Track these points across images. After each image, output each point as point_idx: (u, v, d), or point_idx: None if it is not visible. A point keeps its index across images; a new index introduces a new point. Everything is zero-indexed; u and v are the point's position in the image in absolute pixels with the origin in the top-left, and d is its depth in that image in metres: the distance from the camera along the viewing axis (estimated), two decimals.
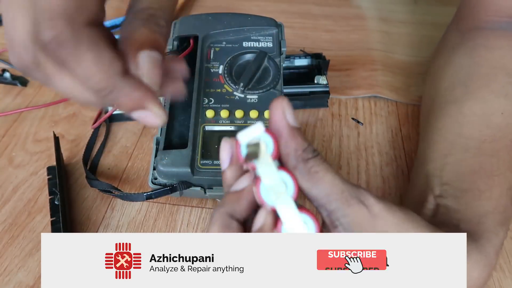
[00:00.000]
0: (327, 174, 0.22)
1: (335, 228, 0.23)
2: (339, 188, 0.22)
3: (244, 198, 0.23)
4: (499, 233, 0.28)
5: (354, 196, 0.22)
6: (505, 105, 0.34)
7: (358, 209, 0.22)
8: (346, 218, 0.22)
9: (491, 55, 0.38)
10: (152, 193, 0.36)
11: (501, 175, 0.31)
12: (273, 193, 0.22)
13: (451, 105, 0.37)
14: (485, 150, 0.32)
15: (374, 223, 0.22)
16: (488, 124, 0.34)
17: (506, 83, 0.35)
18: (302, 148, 0.23)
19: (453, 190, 0.31)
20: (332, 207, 0.22)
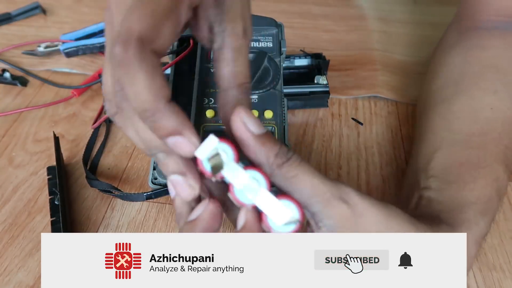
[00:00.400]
0: (305, 177, 0.22)
1: (319, 229, 0.23)
2: (320, 190, 0.22)
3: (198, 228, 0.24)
4: (479, 223, 0.28)
5: (337, 196, 0.22)
6: (494, 100, 0.34)
7: (341, 210, 0.22)
8: (330, 219, 0.22)
9: (484, 54, 0.38)
10: (152, 193, 0.36)
11: (487, 167, 0.31)
12: (248, 192, 0.22)
13: (441, 104, 0.37)
14: (473, 143, 0.32)
15: (357, 222, 0.22)
16: (476, 119, 0.34)
17: (496, 80, 0.36)
18: (274, 154, 0.22)
19: (438, 182, 0.31)
20: (315, 209, 0.22)
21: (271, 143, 0.22)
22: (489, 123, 0.33)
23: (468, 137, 0.33)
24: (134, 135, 0.24)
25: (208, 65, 0.42)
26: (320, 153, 0.44)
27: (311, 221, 0.23)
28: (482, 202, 0.29)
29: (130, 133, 0.24)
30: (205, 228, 0.23)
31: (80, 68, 0.53)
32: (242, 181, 0.22)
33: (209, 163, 0.22)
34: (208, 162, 0.22)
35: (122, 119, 0.24)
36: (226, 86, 0.24)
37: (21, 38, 0.58)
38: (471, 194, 0.29)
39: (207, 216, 0.23)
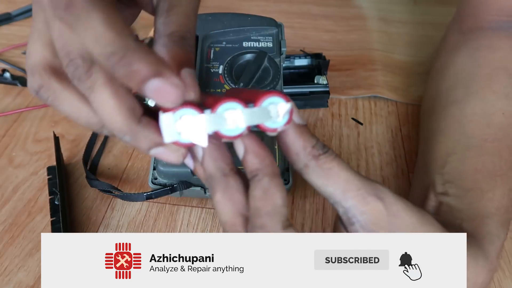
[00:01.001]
0: (342, 171, 0.22)
1: (352, 225, 0.22)
2: (355, 185, 0.22)
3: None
4: (500, 236, 0.28)
5: (372, 193, 0.22)
6: (506, 106, 0.34)
7: (375, 207, 0.22)
8: (363, 215, 0.22)
9: (493, 56, 0.38)
10: (152, 193, 0.36)
11: (503, 175, 0.31)
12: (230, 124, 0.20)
13: (453, 106, 0.37)
14: (487, 149, 0.32)
15: (391, 222, 0.22)
16: (489, 124, 0.34)
17: (508, 83, 0.36)
18: (311, 145, 0.22)
19: (455, 188, 0.31)
20: (348, 205, 0.22)
21: (309, 135, 0.22)
22: (502, 128, 0.33)
23: (482, 142, 0.33)
24: (79, 113, 0.22)
25: (208, 65, 0.42)
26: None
27: (344, 216, 0.23)
28: (501, 213, 0.29)
29: (69, 107, 0.22)
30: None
31: None
32: (220, 122, 0.20)
33: (184, 138, 0.20)
34: (182, 138, 0.20)
35: (56, 91, 0.21)
36: (156, 37, 0.23)
37: (21, 38, 0.58)
38: (491, 205, 0.29)
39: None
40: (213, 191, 0.22)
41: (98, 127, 0.22)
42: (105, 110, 0.20)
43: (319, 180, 0.22)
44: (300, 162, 0.22)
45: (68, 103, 0.22)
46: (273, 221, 0.21)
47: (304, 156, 0.22)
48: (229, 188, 0.22)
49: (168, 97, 0.18)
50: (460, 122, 0.35)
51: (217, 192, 0.22)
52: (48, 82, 0.21)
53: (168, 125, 0.20)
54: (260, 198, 0.21)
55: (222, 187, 0.22)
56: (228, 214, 0.22)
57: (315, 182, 0.22)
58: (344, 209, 0.22)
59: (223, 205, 0.22)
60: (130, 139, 0.21)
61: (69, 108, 0.22)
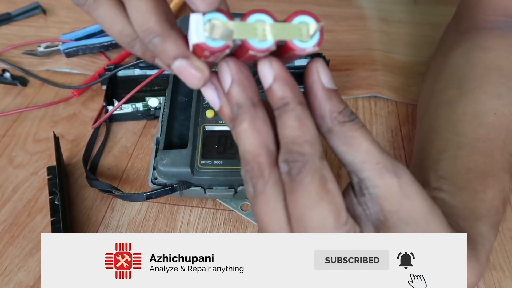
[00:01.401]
0: (365, 141, 0.21)
1: (362, 196, 0.22)
2: (375, 158, 0.21)
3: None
4: (490, 238, 0.28)
5: (391, 169, 0.21)
6: (497, 105, 0.34)
7: (390, 183, 0.21)
8: (376, 189, 0.21)
9: (487, 56, 0.38)
10: (152, 193, 0.36)
11: (494, 176, 0.31)
12: (259, 36, 0.20)
13: (445, 106, 0.37)
14: (479, 149, 0.32)
15: (402, 201, 0.22)
16: (481, 123, 0.34)
17: (500, 83, 0.36)
18: (338, 110, 0.22)
19: (449, 185, 0.31)
20: (364, 175, 0.22)
21: (338, 100, 0.22)
22: (494, 128, 0.33)
23: (474, 142, 0.33)
24: (114, 19, 0.22)
25: None
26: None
27: (356, 186, 0.22)
28: (492, 215, 0.29)
29: (107, 11, 0.22)
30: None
31: (80, 68, 0.53)
32: (248, 30, 0.20)
33: (213, 40, 0.20)
34: (211, 40, 0.20)
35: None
36: None
37: (21, 38, 0.58)
38: (482, 205, 0.29)
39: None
40: (239, 120, 0.21)
41: (129, 38, 0.22)
42: (142, 9, 0.20)
43: (340, 147, 0.22)
44: (324, 126, 0.22)
45: (106, 7, 0.22)
46: (314, 150, 0.20)
47: (330, 120, 0.21)
48: (257, 118, 0.21)
49: (191, 77, 0.20)
50: (452, 122, 0.35)
51: (244, 121, 0.21)
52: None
53: (197, 25, 0.19)
54: (297, 127, 0.20)
55: (251, 116, 0.21)
56: (253, 144, 0.21)
57: (336, 148, 0.22)
58: (359, 179, 0.22)
59: (249, 135, 0.21)
60: (160, 42, 0.20)
61: (105, 14, 0.22)
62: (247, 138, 0.21)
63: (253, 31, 0.20)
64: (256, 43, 0.20)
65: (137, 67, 0.48)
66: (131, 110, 0.46)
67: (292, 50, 0.20)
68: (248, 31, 0.20)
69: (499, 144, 0.33)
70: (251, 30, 0.20)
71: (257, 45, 0.20)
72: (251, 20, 0.20)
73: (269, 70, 0.21)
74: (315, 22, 0.20)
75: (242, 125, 0.21)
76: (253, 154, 0.21)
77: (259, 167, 0.21)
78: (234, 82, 0.21)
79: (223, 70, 0.22)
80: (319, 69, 0.22)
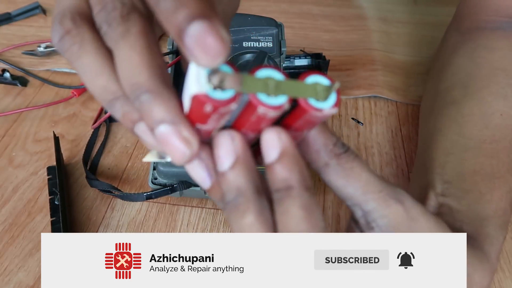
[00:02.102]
0: (363, 171, 0.21)
1: (371, 229, 0.22)
2: (376, 187, 0.21)
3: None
4: (499, 238, 0.28)
5: (393, 196, 0.21)
6: (503, 107, 0.34)
7: (397, 211, 0.21)
8: (384, 219, 0.21)
9: (492, 56, 0.38)
10: (152, 193, 0.36)
11: (501, 177, 0.31)
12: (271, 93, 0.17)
13: (450, 106, 0.37)
14: (485, 151, 0.32)
15: (411, 226, 0.21)
16: (487, 125, 0.34)
17: (506, 84, 0.35)
18: (332, 143, 0.21)
19: (455, 189, 0.31)
20: (369, 207, 0.21)
21: (329, 133, 0.21)
22: (500, 130, 0.33)
23: (480, 144, 0.33)
24: (99, 72, 0.19)
25: None
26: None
27: (362, 219, 0.22)
28: (499, 216, 0.29)
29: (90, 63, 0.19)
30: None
31: None
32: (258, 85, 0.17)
33: (217, 92, 0.17)
34: (215, 91, 0.17)
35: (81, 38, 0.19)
36: None
37: (21, 38, 0.58)
38: (489, 207, 0.29)
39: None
40: (242, 211, 0.18)
41: (111, 96, 0.19)
42: (133, 60, 0.17)
43: (339, 180, 0.21)
44: (320, 161, 0.21)
45: (91, 58, 0.19)
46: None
47: (325, 154, 0.21)
48: (264, 209, 0.19)
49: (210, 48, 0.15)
50: (457, 123, 0.35)
51: (250, 213, 0.18)
52: (77, 27, 0.19)
53: (199, 74, 0.17)
54: (304, 218, 0.18)
55: (257, 208, 0.18)
56: None
57: (334, 183, 0.21)
58: (363, 212, 0.21)
59: (256, 231, 0.19)
60: (148, 99, 0.17)
61: (90, 65, 0.19)
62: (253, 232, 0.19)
63: (263, 85, 0.17)
64: (267, 99, 0.17)
65: None
66: None
67: (306, 112, 0.17)
68: (258, 85, 0.17)
69: (506, 146, 0.33)
70: (262, 84, 0.17)
71: (269, 101, 0.17)
72: (260, 75, 0.17)
73: (277, 142, 0.18)
74: (329, 82, 0.18)
75: (246, 218, 0.18)
76: None
77: None
78: (238, 163, 0.18)
79: (224, 144, 0.18)
80: None
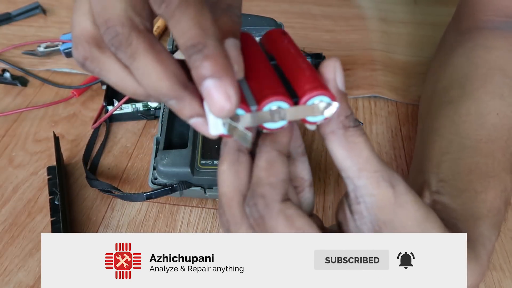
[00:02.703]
0: (365, 148, 0.22)
1: (357, 204, 0.22)
2: (372, 166, 0.22)
3: None
4: (492, 238, 0.28)
5: (387, 178, 0.22)
6: (500, 106, 0.34)
7: (385, 193, 0.22)
8: (371, 197, 0.22)
9: (489, 55, 0.38)
10: (152, 193, 0.36)
11: (496, 176, 0.31)
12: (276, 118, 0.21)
13: (447, 106, 0.37)
14: (481, 150, 0.32)
15: (396, 211, 0.22)
16: (483, 124, 0.34)
17: (502, 84, 0.35)
18: (345, 115, 0.22)
19: (449, 188, 0.31)
20: (360, 183, 0.22)
21: (346, 105, 0.22)
22: (496, 129, 0.33)
23: (476, 143, 0.33)
24: (126, 80, 0.21)
25: None
26: (320, 153, 0.44)
27: (352, 193, 0.22)
28: (493, 215, 0.29)
29: (116, 77, 0.21)
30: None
31: (80, 68, 0.53)
32: (264, 118, 0.20)
33: (231, 133, 0.20)
34: (229, 132, 0.20)
35: (100, 63, 0.21)
36: None
37: (21, 38, 0.58)
38: (483, 206, 0.29)
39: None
40: (221, 160, 0.23)
41: (145, 96, 0.21)
42: (150, 77, 0.19)
43: (339, 150, 0.22)
44: (328, 127, 0.22)
45: (114, 74, 0.21)
46: (274, 193, 0.21)
47: (335, 122, 0.22)
48: (238, 163, 0.22)
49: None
50: (454, 122, 0.35)
51: (224, 162, 0.22)
52: (91, 54, 0.21)
53: (215, 120, 0.20)
54: (265, 168, 0.21)
55: (231, 159, 0.22)
56: (229, 187, 0.22)
57: (335, 152, 0.22)
58: (354, 187, 0.22)
59: (226, 177, 0.22)
60: (176, 104, 0.20)
61: (116, 79, 0.21)
62: (224, 180, 0.22)
63: (269, 117, 0.20)
64: (271, 125, 0.21)
65: None
66: (131, 110, 0.46)
67: (303, 122, 0.21)
68: (264, 119, 0.20)
69: (502, 145, 0.33)
70: (267, 117, 0.20)
71: (271, 126, 0.21)
72: (267, 109, 0.20)
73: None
74: (332, 103, 0.21)
75: (221, 166, 0.22)
76: (227, 197, 0.22)
77: (232, 213, 0.22)
78: None
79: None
80: (337, 69, 0.22)
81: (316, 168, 0.42)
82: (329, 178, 0.41)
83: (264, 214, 0.21)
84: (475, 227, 0.28)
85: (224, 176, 0.22)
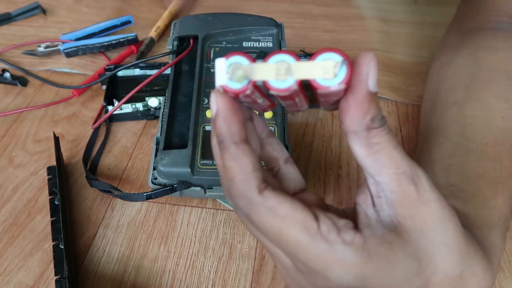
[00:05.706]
0: (387, 148, 0.21)
1: (378, 197, 0.22)
2: (395, 163, 0.21)
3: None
4: (502, 247, 0.28)
5: (409, 175, 0.21)
6: (505, 109, 0.34)
7: (407, 190, 0.21)
8: (393, 194, 0.21)
9: (493, 57, 0.38)
10: (152, 193, 0.36)
11: (504, 182, 0.31)
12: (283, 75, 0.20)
13: (453, 106, 0.37)
14: (488, 154, 0.32)
15: (418, 207, 0.21)
16: (489, 127, 0.34)
17: (507, 86, 0.35)
18: (371, 116, 0.21)
19: (459, 192, 0.31)
20: (381, 180, 0.21)
21: (374, 106, 0.21)
22: (502, 133, 0.33)
23: (482, 147, 0.33)
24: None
25: (208, 65, 0.42)
26: (320, 153, 0.44)
27: (372, 187, 0.22)
28: (502, 223, 0.29)
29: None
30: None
31: (80, 68, 0.53)
32: (270, 71, 0.20)
33: (235, 82, 0.20)
34: (233, 82, 0.20)
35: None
36: None
37: (21, 38, 0.58)
38: (494, 213, 0.29)
39: None
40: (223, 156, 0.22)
41: None
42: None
43: (360, 150, 0.21)
44: (351, 127, 0.21)
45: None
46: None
47: (358, 122, 0.20)
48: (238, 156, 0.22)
49: None
50: (460, 124, 0.35)
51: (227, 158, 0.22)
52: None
53: (221, 70, 0.20)
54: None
55: (231, 154, 0.22)
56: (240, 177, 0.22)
57: (356, 151, 0.21)
58: (375, 181, 0.22)
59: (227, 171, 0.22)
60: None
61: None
62: (225, 173, 0.22)
63: (274, 71, 0.20)
64: (277, 83, 0.20)
65: (137, 67, 0.48)
66: (131, 110, 0.46)
67: (316, 89, 0.20)
68: (269, 72, 0.20)
69: (508, 149, 0.33)
70: (272, 70, 0.20)
71: (277, 85, 0.20)
72: (273, 61, 0.20)
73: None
74: (341, 58, 0.20)
75: (226, 162, 0.22)
76: (225, 187, 0.23)
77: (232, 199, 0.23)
78: (218, 115, 0.21)
79: (211, 100, 0.21)
80: (371, 68, 0.21)
81: (316, 168, 0.42)
82: (329, 178, 0.41)
83: (248, 212, 0.21)
84: (489, 236, 0.28)
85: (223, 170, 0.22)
